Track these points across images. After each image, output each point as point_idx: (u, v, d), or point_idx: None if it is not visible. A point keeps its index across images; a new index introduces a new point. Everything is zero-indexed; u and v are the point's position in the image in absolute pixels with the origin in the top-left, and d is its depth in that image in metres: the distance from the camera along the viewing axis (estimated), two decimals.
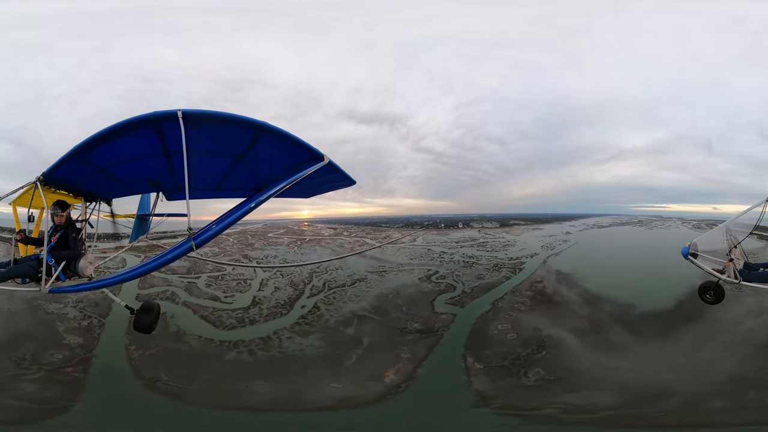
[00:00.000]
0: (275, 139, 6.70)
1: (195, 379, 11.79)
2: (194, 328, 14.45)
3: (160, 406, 11.17)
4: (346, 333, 15.99)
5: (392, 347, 15.25)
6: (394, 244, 27.31)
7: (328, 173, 7.34)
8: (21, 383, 11.23)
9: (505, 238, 30.17)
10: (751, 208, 11.10)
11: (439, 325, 17.25)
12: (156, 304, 9.65)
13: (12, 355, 11.86)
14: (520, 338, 16.60)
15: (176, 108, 6.07)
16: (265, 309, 16.43)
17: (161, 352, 10.38)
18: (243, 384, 11.95)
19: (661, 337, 16.34)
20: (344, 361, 14.02)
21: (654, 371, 14.50)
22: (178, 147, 6.37)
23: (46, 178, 7.72)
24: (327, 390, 12.36)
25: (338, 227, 32.65)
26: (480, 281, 21.79)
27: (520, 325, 17.57)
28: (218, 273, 18.99)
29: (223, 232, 7.22)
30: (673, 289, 16.75)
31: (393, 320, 17.22)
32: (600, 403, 13.52)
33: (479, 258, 25.32)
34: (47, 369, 11.63)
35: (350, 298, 18.67)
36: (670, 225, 34.61)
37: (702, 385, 14.07)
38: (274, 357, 13.71)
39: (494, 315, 18.41)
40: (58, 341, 12.74)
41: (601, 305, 19.07)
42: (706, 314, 16.71)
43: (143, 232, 12.74)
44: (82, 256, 8.83)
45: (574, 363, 15.16)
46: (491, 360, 15.37)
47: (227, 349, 13.67)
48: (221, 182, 8.86)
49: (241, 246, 26.11)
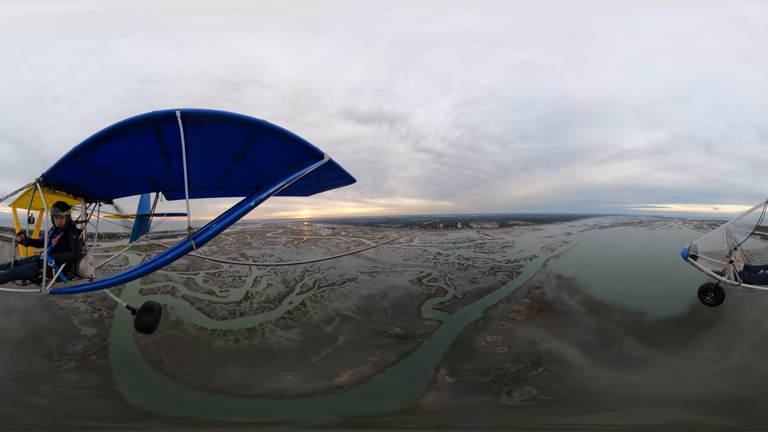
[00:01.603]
0: (275, 138, 6.69)
1: (189, 363, 12.81)
2: (191, 318, 15.50)
3: (167, 386, 12.06)
4: (324, 330, 16.04)
5: (364, 349, 14.70)
6: (390, 245, 27.06)
7: (327, 171, 7.32)
8: (63, 374, 12.03)
9: (503, 239, 29.56)
10: (751, 210, 11.06)
11: (422, 332, 16.34)
12: (157, 305, 9.59)
13: (40, 350, 12.72)
14: (512, 352, 15.13)
15: (175, 108, 6.07)
16: (256, 303, 17.22)
17: (163, 338, 11.05)
18: (221, 368, 12.80)
19: (682, 346, 15.15)
20: (311, 356, 14.19)
21: (693, 381, 13.45)
22: (177, 147, 6.35)
23: (45, 179, 7.72)
24: (277, 380, 12.60)
25: (336, 227, 32.65)
26: (474, 286, 20.69)
27: (513, 337, 16.23)
28: (215, 270, 19.87)
29: (223, 231, 7.20)
30: (684, 293, 15.36)
31: (374, 322, 16.68)
32: (644, 423, 12.22)
33: (475, 260, 24.39)
34: (75, 359, 12.60)
35: (337, 297, 18.62)
36: (671, 225, 34.45)
37: (754, 388, 12.92)
38: (255, 346, 14.51)
39: (485, 325, 17.15)
40: (76, 333, 13.68)
41: (609, 314, 17.60)
42: (723, 318, 15.83)
43: (143, 232, 12.74)
44: (82, 257, 8.83)
45: (582, 381, 13.76)
46: (469, 375, 14.03)
47: (217, 337, 14.64)
48: (221, 181, 8.85)
49: (239, 245, 26.47)
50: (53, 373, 12.03)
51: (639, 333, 16.18)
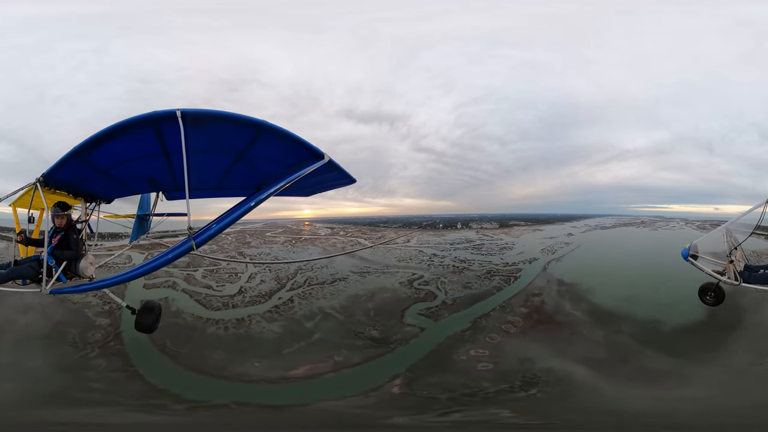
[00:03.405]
0: (275, 138, 6.68)
1: (185, 346, 14.04)
2: (189, 308, 16.77)
3: (170, 367, 13.31)
4: (304, 326, 16.38)
5: (334, 348, 14.69)
6: (387, 245, 26.90)
7: (328, 172, 7.31)
8: (94, 361, 13.13)
9: (503, 240, 28.95)
10: (751, 210, 11.06)
11: (399, 338, 15.64)
12: (157, 304, 9.61)
13: (66, 341, 13.76)
14: (497, 370, 13.62)
15: (175, 107, 6.07)
16: (248, 297, 18.20)
17: (165, 326, 11.82)
18: (210, 352, 13.97)
19: (711, 353, 13.97)
20: (284, 348, 14.72)
21: (745, 387, 12.18)
22: (178, 147, 6.35)
23: (45, 179, 7.72)
24: (246, 365, 13.50)
25: (335, 227, 32.67)
26: (466, 291, 19.49)
27: (502, 352, 14.74)
28: (214, 267, 20.93)
29: (223, 231, 7.20)
30: (696, 296, 14.42)
31: (354, 323, 16.49)
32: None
33: (471, 263, 23.30)
34: (97, 347, 13.65)
35: (324, 296, 18.72)
36: (673, 226, 34.17)
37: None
38: (241, 334, 15.58)
39: (472, 336, 15.73)
40: (92, 324, 14.65)
41: (619, 325, 16.06)
42: (743, 319, 14.94)
43: (143, 232, 12.77)
44: (82, 257, 8.84)
45: (596, 402, 12.28)
46: (429, 389, 12.80)
47: (210, 325, 15.84)
48: (221, 181, 8.85)
49: (238, 244, 26.83)
50: (85, 360, 13.12)
51: (658, 344, 14.72)
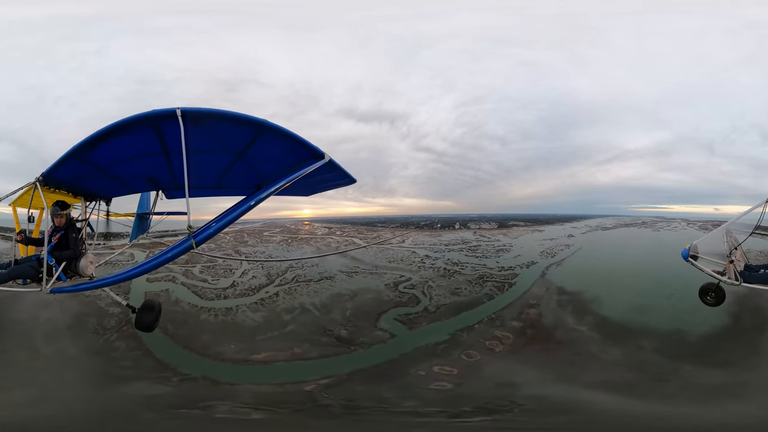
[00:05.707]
0: (275, 137, 6.66)
1: (182, 328, 16.00)
2: (186, 298, 18.67)
3: (170, 345, 15.31)
4: (282, 318, 17.47)
5: (299, 340, 15.66)
6: (381, 245, 26.66)
7: (328, 171, 7.29)
8: (114, 343, 15.06)
9: (500, 241, 27.73)
10: (751, 209, 11.05)
11: (365, 341, 15.08)
12: (157, 303, 9.56)
13: (88, 330, 15.56)
14: (453, 393, 11.92)
15: (175, 106, 6.05)
16: (238, 290, 19.77)
17: (167, 312, 12.83)
18: (200, 334, 15.93)
19: (755, 357, 13.06)
20: (258, 335, 16.10)
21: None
22: (178, 145, 6.32)
23: (45, 178, 7.70)
24: (224, 347, 15.23)
25: (333, 226, 32.60)
26: (453, 298, 18.16)
27: (476, 373, 12.89)
28: (211, 263, 22.45)
29: (223, 230, 7.18)
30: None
31: (328, 320, 17.01)
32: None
33: (464, 266, 21.93)
34: (114, 331, 15.51)
35: (308, 293, 19.57)
36: (675, 226, 33.95)
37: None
38: (227, 321, 17.23)
39: (444, 350, 14.28)
40: (105, 312, 16.24)
41: (637, 340, 14.33)
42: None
43: (143, 230, 12.75)
44: (82, 256, 8.83)
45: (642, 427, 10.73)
46: (347, 395, 12.57)
47: (203, 312, 17.76)
48: (221, 180, 8.84)
49: (236, 243, 27.38)
50: (108, 344, 15.04)
51: (693, 357, 13.45)
